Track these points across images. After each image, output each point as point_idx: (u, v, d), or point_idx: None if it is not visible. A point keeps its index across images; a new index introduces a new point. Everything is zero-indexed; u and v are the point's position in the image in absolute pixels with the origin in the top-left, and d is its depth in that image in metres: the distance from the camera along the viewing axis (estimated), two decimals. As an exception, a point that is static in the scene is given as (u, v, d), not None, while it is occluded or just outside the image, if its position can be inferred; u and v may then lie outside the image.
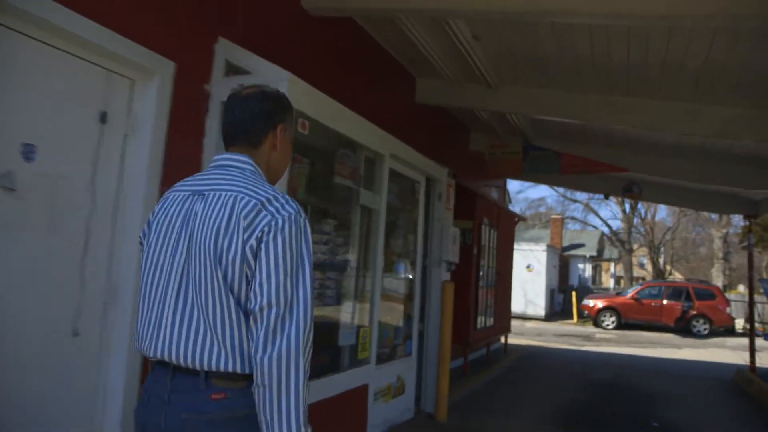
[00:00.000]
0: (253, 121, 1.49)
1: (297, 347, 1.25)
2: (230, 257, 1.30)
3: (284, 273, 1.29)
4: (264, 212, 1.32)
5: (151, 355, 1.38)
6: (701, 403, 7.13)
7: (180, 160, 2.92)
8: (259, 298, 1.27)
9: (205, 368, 1.30)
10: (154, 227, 1.46)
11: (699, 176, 8.02)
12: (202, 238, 1.33)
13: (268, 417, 1.25)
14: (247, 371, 1.31)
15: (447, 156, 7.25)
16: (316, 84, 3.40)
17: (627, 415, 6.14)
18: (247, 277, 1.31)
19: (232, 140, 1.51)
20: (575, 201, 31.74)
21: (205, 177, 1.45)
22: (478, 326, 7.70)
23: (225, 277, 1.30)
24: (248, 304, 1.30)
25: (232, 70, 3.27)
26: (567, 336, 14.75)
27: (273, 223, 1.31)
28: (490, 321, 8.35)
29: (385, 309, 4.62)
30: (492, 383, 7.28)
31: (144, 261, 1.45)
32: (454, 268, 5.63)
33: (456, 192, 7.55)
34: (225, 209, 1.33)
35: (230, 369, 1.31)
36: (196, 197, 1.41)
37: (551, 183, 11.74)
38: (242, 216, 1.31)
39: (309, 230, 1.38)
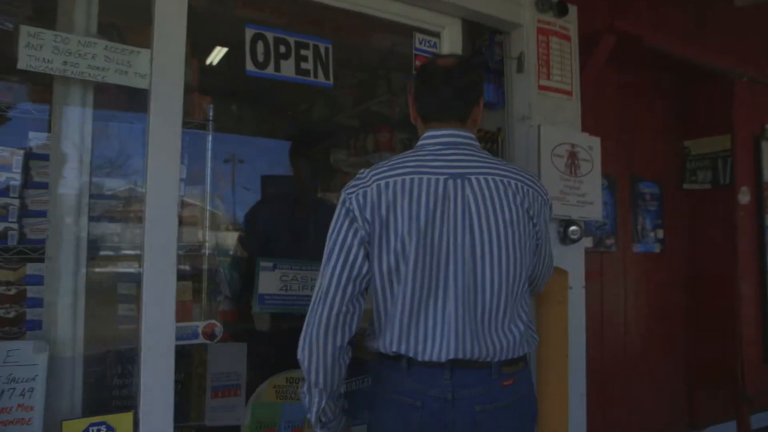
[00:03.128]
0: (461, 97, 1.41)
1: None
2: (529, 245, 1.35)
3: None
4: (539, 197, 1.38)
5: (441, 358, 1.29)
6: None
7: None
8: (547, 269, 1.52)
9: (501, 359, 1.31)
10: (408, 216, 1.28)
11: None
12: (494, 231, 1.31)
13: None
14: (528, 351, 1.36)
15: (649, 20, 3.60)
16: None
17: None
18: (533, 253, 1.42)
19: (437, 116, 1.41)
20: None
21: (452, 157, 1.35)
22: (775, 356, 3.64)
23: (524, 263, 1.34)
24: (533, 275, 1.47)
25: None
26: None
27: (546, 205, 1.41)
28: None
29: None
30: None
31: (412, 256, 1.27)
32: (578, 236, 2.28)
33: (689, 81, 3.74)
34: (507, 196, 1.32)
35: (520, 354, 1.34)
36: (459, 181, 1.32)
37: None
38: (524, 203, 1.34)
39: None
